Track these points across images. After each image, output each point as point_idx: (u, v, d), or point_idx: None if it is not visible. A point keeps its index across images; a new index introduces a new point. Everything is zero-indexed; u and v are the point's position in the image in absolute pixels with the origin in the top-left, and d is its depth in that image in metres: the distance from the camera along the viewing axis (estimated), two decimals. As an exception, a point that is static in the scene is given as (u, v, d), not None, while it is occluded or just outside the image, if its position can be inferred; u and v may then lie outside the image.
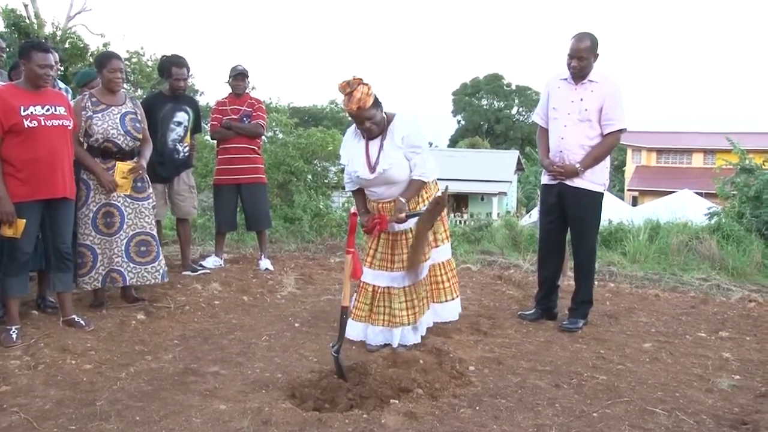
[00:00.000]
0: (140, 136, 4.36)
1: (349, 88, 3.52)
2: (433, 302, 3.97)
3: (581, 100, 4.13)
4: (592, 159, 4.13)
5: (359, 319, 3.84)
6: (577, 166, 4.11)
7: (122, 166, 4.24)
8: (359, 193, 3.87)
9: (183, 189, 5.40)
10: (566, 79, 4.21)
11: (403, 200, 3.61)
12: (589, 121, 4.11)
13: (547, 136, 4.34)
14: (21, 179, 3.64)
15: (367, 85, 3.54)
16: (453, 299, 4.04)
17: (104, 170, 4.19)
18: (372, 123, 3.59)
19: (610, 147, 4.23)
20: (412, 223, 3.70)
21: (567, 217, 4.31)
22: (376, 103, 3.58)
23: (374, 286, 3.80)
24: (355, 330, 3.83)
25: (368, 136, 3.67)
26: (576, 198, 4.20)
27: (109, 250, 4.26)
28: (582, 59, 4.08)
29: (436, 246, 3.92)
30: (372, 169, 3.64)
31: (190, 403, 2.99)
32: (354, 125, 3.74)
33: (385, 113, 3.67)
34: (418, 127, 3.70)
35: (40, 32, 13.99)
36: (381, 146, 3.65)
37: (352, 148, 3.78)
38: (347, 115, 3.84)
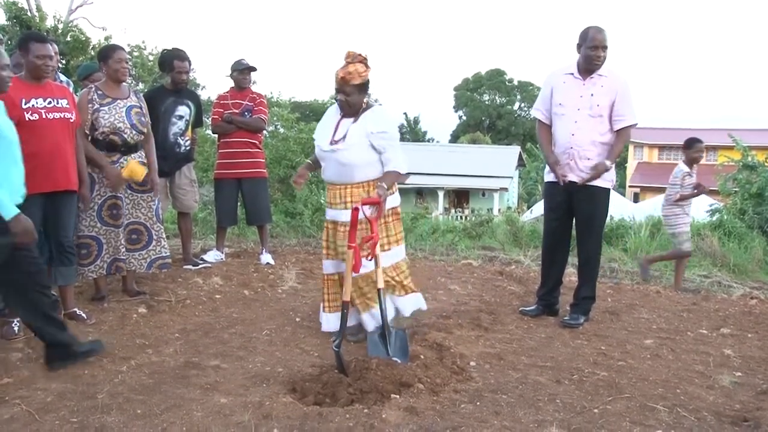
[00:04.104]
0: (145, 130, 4.39)
1: (350, 58, 3.68)
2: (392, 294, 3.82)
3: (591, 95, 4.09)
4: (615, 155, 4.15)
5: (335, 309, 3.79)
6: (608, 163, 4.09)
7: (133, 168, 4.22)
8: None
9: (184, 183, 5.40)
10: (572, 73, 4.17)
11: (384, 185, 3.56)
12: (601, 117, 4.09)
13: (549, 131, 4.31)
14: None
15: (366, 67, 3.68)
16: (410, 293, 3.89)
17: (111, 164, 4.22)
18: (346, 99, 3.69)
19: (625, 142, 4.23)
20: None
21: (574, 214, 4.29)
22: (361, 88, 3.69)
23: (337, 273, 3.81)
24: (332, 322, 3.79)
25: (341, 109, 3.78)
26: (586, 195, 4.17)
27: (115, 240, 4.31)
28: (605, 49, 4.07)
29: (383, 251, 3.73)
30: (331, 142, 3.73)
31: (191, 396, 2.99)
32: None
33: (366, 102, 3.77)
34: (393, 123, 3.82)
35: (41, 25, 13.98)
36: (348, 128, 3.73)
37: (326, 119, 3.91)
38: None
